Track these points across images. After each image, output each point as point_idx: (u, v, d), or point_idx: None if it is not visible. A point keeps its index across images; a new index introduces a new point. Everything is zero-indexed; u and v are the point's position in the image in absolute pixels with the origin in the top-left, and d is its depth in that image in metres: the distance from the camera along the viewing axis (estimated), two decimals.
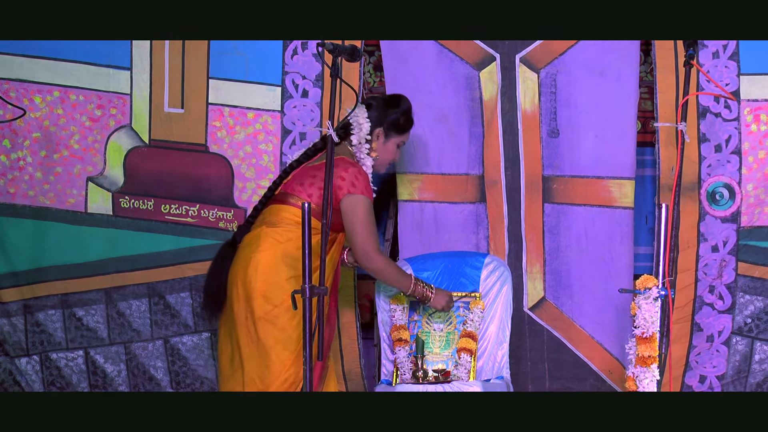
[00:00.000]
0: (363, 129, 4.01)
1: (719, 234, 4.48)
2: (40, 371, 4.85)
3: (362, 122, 4.01)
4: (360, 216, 3.89)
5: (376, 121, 4.04)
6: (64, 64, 4.72)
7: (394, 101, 4.12)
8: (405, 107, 4.11)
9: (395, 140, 4.11)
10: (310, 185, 3.93)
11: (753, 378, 4.54)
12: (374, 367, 4.78)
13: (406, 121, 4.12)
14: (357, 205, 3.89)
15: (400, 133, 4.12)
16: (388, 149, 4.10)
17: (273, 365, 3.79)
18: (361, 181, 3.91)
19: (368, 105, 4.07)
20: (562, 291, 4.65)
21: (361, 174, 3.94)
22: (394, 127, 4.09)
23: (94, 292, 4.79)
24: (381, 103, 4.09)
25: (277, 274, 3.82)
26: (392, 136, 4.10)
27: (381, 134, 4.07)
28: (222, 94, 4.70)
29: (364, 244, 3.90)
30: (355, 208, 3.89)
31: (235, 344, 3.86)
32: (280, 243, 3.86)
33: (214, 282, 3.93)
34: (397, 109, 4.09)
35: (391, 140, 4.10)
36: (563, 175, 4.63)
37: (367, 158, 4.03)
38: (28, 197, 4.77)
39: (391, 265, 4.06)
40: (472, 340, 4.23)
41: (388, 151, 4.10)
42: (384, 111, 4.07)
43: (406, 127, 4.13)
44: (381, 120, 4.05)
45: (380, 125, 4.05)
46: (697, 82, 4.41)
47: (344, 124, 4.05)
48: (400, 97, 4.16)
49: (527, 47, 4.58)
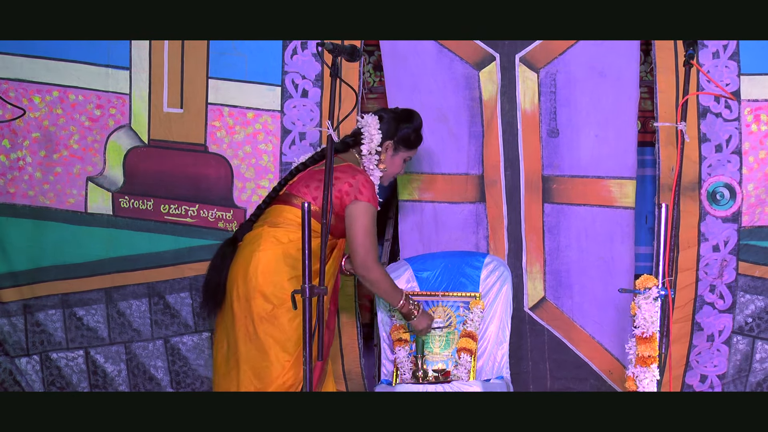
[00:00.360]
0: (374, 140, 4.05)
1: (720, 234, 4.48)
2: (40, 371, 4.84)
3: (374, 133, 4.05)
4: (363, 224, 3.90)
5: (387, 133, 4.08)
6: (64, 64, 4.71)
7: (407, 116, 4.16)
8: (417, 124, 4.16)
9: (403, 155, 4.15)
10: (315, 188, 3.94)
11: (754, 377, 4.54)
12: (374, 367, 4.77)
13: (416, 137, 4.17)
14: (361, 213, 3.90)
15: (409, 148, 4.16)
16: (395, 163, 4.14)
17: (272, 366, 3.80)
18: (368, 188, 3.93)
19: (380, 117, 4.10)
20: (562, 291, 4.65)
21: (369, 182, 3.96)
22: (405, 142, 4.13)
23: (94, 292, 4.79)
24: (393, 116, 4.13)
25: (277, 274, 3.82)
26: (401, 150, 4.14)
27: (390, 147, 4.10)
28: (221, 93, 4.69)
29: (365, 253, 3.91)
30: (359, 215, 3.90)
31: (232, 343, 3.86)
32: (281, 243, 3.86)
33: (213, 279, 3.93)
34: (410, 125, 4.14)
35: (399, 154, 4.14)
36: (563, 175, 4.62)
37: (376, 169, 4.08)
38: (28, 197, 4.77)
39: (386, 278, 4.06)
40: (472, 340, 4.23)
41: (395, 164, 4.15)
42: (396, 125, 4.11)
43: (415, 144, 4.18)
44: (392, 133, 4.09)
45: (391, 138, 4.09)
46: (697, 81, 4.41)
47: (355, 133, 4.08)
48: (412, 112, 4.19)
49: (527, 47, 4.58)
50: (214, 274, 3.93)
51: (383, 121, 4.09)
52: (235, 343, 3.84)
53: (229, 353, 3.88)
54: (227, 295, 3.89)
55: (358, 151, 4.08)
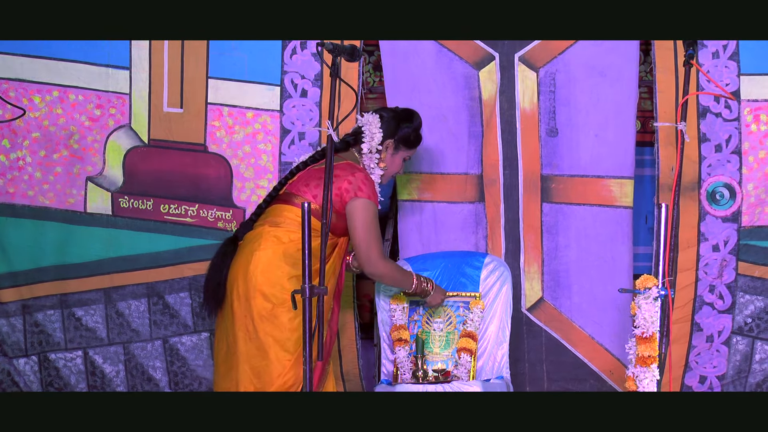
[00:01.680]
0: (375, 139, 4.07)
1: (720, 234, 4.48)
2: (38, 372, 4.84)
3: (375, 132, 4.07)
4: (363, 220, 3.91)
5: (387, 132, 4.10)
6: (64, 63, 4.71)
7: (408, 116, 4.18)
8: (417, 123, 4.18)
9: (403, 154, 4.18)
10: (315, 186, 3.94)
11: (753, 378, 4.54)
12: (374, 367, 4.77)
13: (416, 137, 4.19)
14: (362, 209, 3.91)
15: (409, 148, 4.19)
16: (395, 162, 4.16)
17: (271, 365, 3.79)
18: (367, 185, 3.93)
19: (380, 116, 4.11)
20: (560, 291, 4.64)
21: (368, 179, 3.97)
22: (405, 141, 4.15)
23: (93, 292, 4.78)
24: (393, 116, 4.15)
25: (278, 273, 3.82)
26: (401, 149, 4.16)
27: (391, 146, 4.12)
28: (221, 93, 4.69)
29: (368, 249, 3.92)
30: (359, 211, 3.90)
31: (231, 342, 3.86)
32: (282, 242, 3.86)
33: (214, 278, 3.93)
34: (410, 125, 4.16)
35: (399, 153, 4.16)
36: (562, 175, 4.62)
37: (376, 168, 4.10)
38: (28, 197, 4.77)
39: (393, 269, 4.09)
40: (472, 340, 4.23)
41: (395, 163, 4.17)
42: (396, 124, 4.13)
43: (415, 143, 4.20)
44: (392, 133, 4.12)
45: (391, 137, 4.12)
46: (697, 81, 4.41)
47: (355, 131, 4.09)
48: (412, 112, 4.21)
49: (526, 46, 4.58)
50: (215, 273, 3.93)
51: (384, 120, 4.10)
52: (235, 343, 3.84)
53: (228, 353, 3.87)
54: (227, 294, 3.89)
55: (359, 149, 4.09)
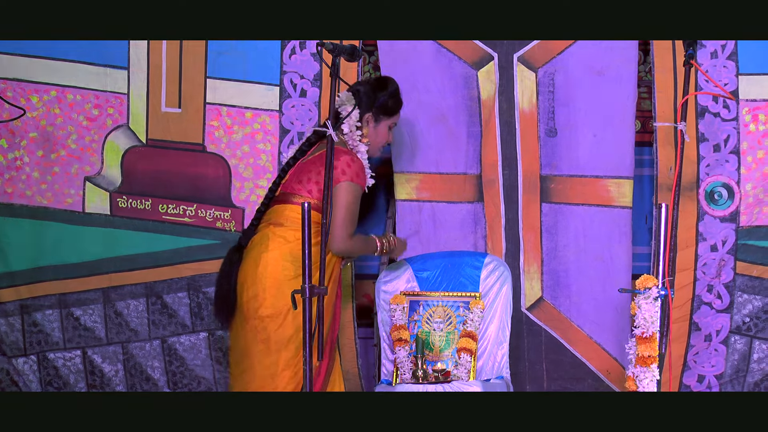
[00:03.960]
0: (353, 117, 4.01)
1: (718, 233, 4.48)
2: (37, 371, 4.83)
3: (350, 109, 4.00)
4: (344, 201, 3.87)
5: (365, 106, 4.05)
6: (62, 63, 4.70)
7: (381, 84, 4.13)
8: (392, 89, 4.12)
9: (386, 122, 4.13)
10: (308, 181, 3.93)
11: (751, 377, 4.54)
12: (374, 367, 4.77)
13: (395, 102, 4.13)
14: (343, 191, 3.87)
15: (390, 115, 4.13)
16: (380, 133, 4.11)
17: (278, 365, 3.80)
18: (352, 168, 3.90)
19: (355, 91, 4.06)
20: (560, 291, 4.64)
21: (354, 161, 3.93)
22: (384, 109, 4.10)
23: (92, 292, 4.78)
24: (368, 88, 4.09)
25: (286, 273, 3.82)
26: (382, 119, 4.11)
27: (371, 119, 4.08)
28: (220, 93, 4.69)
29: (341, 229, 3.86)
30: (341, 193, 3.87)
31: (243, 345, 3.86)
32: (288, 242, 3.86)
33: (223, 287, 3.92)
34: (385, 92, 4.10)
35: (381, 123, 4.11)
36: (561, 175, 4.62)
37: (360, 145, 4.05)
38: (26, 197, 4.76)
39: (356, 242, 3.97)
40: (472, 339, 4.23)
41: (380, 134, 4.12)
42: (372, 95, 4.07)
43: (395, 109, 4.14)
44: (370, 105, 4.06)
45: (369, 110, 4.06)
46: (696, 81, 4.41)
47: (334, 114, 4.04)
48: (386, 78, 4.18)
49: (525, 46, 4.58)
50: (224, 282, 3.92)
51: (358, 94, 4.05)
52: (246, 345, 3.85)
53: (241, 356, 3.88)
54: (238, 298, 3.88)
55: (341, 131, 4.04)
